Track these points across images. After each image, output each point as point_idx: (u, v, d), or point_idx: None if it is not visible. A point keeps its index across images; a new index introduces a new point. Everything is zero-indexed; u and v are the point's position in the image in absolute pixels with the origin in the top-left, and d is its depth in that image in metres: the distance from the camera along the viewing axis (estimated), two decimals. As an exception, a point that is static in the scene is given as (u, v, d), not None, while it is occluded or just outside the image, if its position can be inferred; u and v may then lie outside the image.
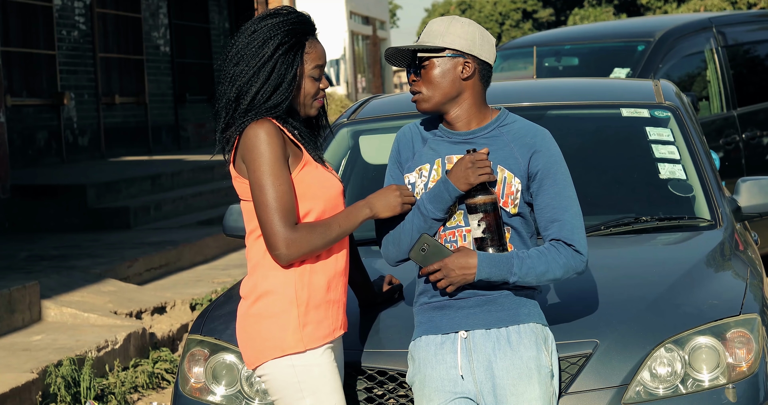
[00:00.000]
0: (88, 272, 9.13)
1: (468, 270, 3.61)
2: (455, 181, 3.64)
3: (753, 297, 4.24)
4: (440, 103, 3.74)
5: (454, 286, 3.64)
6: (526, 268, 3.63)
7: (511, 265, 3.62)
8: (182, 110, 19.94)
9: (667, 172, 5.31)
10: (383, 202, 3.68)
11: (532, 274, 3.64)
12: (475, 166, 3.61)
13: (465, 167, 3.62)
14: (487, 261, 3.62)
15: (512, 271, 3.62)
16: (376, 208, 3.68)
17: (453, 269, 3.62)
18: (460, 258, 3.62)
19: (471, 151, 3.65)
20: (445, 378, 3.70)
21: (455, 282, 3.63)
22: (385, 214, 3.69)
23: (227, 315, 4.34)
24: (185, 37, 20.39)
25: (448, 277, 3.63)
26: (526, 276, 3.63)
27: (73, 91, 16.24)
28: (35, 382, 6.60)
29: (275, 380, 3.65)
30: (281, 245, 3.56)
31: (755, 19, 11.60)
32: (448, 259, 3.63)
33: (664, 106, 5.54)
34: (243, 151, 3.61)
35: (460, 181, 3.63)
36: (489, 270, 3.62)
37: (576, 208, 3.72)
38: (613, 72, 9.81)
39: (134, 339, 7.74)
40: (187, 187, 14.23)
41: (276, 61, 3.62)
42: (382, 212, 3.68)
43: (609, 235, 4.91)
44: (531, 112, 5.38)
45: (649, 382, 3.92)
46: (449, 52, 3.71)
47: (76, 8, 16.45)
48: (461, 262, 3.62)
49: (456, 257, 3.63)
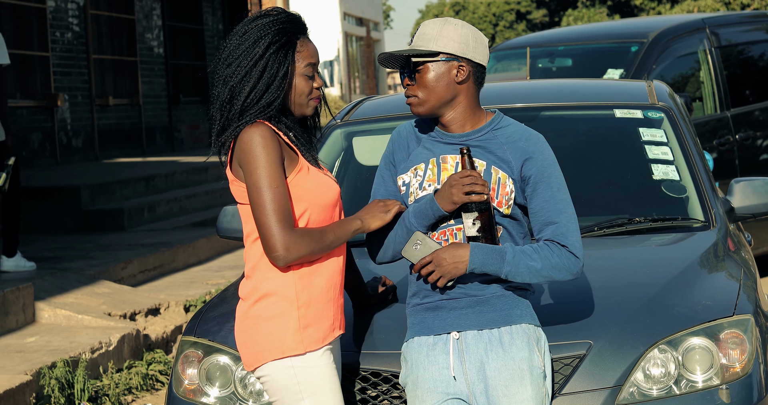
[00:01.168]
0: (82, 274, 9.12)
1: (460, 260, 3.61)
2: (440, 201, 3.65)
3: (746, 298, 4.25)
4: (435, 106, 3.74)
5: (445, 278, 3.63)
6: (519, 260, 3.62)
7: (504, 254, 3.62)
8: (176, 111, 19.93)
9: (660, 173, 5.31)
10: (371, 214, 3.73)
11: (524, 267, 3.62)
12: (459, 184, 3.62)
13: (449, 186, 3.64)
14: (480, 250, 3.61)
15: (505, 260, 3.61)
16: (365, 219, 3.72)
17: (444, 259, 3.62)
18: (451, 249, 3.62)
19: (465, 149, 3.65)
20: (438, 379, 3.70)
21: (447, 273, 3.62)
22: (375, 224, 3.72)
23: (221, 316, 4.34)
24: (179, 38, 20.39)
25: (440, 267, 3.62)
26: (519, 268, 3.62)
27: (67, 92, 16.23)
28: (29, 383, 6.60)
29: (274, 381, 3.65)
30: (279, 247, 3.56)
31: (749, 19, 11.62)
32: (440, 250, 3.63)
33: (657, 107, 5.54)
34: (239, 154, 3.62)
35: (445, 201, 3.65)
36: (482, 259, 3.61)
37: (571, 211, 3.72)
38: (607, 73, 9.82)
39: (128, 340, 7.74)
40: (181, 189, 14.22)
41: (267, 59, 3.64)
42: (372, 223, 3.72)
43: (602, 236, 4.91)
44: (524, 113, 5.39)
45: (642, 383, 3.92)
46: (443, 56, 3.71)
47: (69, 10, 16.44)
48: (453, 253, 3.62)
49: (447, 249, 3.63)
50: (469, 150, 3.66)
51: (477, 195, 3.62)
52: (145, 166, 15.72)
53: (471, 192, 3.61)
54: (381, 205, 3.75)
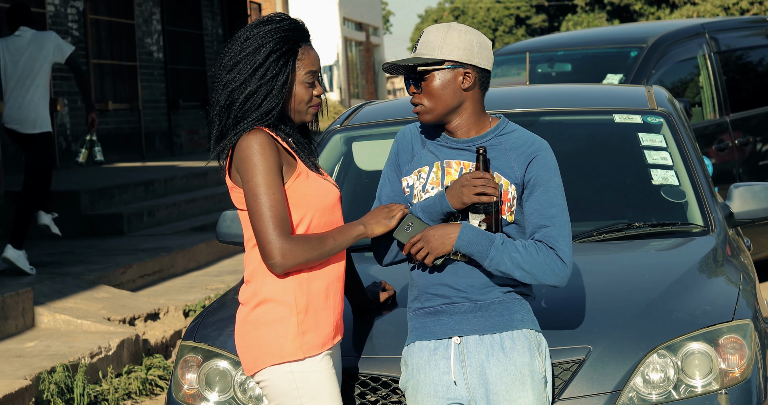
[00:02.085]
0: (82, 279, 9.12)
1: (448, 236, 3.61)
2: (450, 197, 3.65)
3: (745, 303, 4.25)
4: (442, 114, 3.74)
5: (432, 254, 3.62)
6: (505, 249, 3.60)
7: (493, 240, 3.61)
8: (175, 116, 19.93)
9: (659, 178, 5.31)
10: (375, 219, 3.71)
11: (508, 257, 3.60)
12: (471, 184, 3.62)
13: (461, 185, 3.63)
14: (470, 230, 3.61)
15: (493, 245, 3.60)
16: (369, 224, 3.71)
17: (433, 236, 3.62)
18: (441, 226, 3.63)
19: (481, 149, 3.65)
20: (438, 384, 3.70)
21: (434, 249, 3.62)
22: (378, 230, 3.71)
23: (220, 321, 4.34)
24: (179, 43, 20.39)
25: (428, 243, 3.62)
26: (503, 256, 3.60)
27: (67, 97, 16.22)
28: (28, 388, 6.60)
29: (274, 386, 3.66)
30: (276, 254, 3.57)
31: (748, 25, 11.63)
32: (429, 228, 3.64)
33: (656, 112, 5.55)
34: (237, 162, 3.63)
35: (455, 199, 3.64)
36: (470, 238, 3.60)
37: (565, 218, 3.71)
38: (606, 78, 9.83)
39: (127, 345, 7.74)
40: (181, 194, 14.22)
41: (267, 67, 3.64)
42: (376, 229, 3.71)
43: (602, 240, 4.91)
44: (524, 118, 5.39)
45: (641, 388, 3.93)
46: (449, 64, 3.71)
47: (69, 14, 16.45)
48: (442, 230, 3.63)
49: (437, 226, 3.64)
50: (485, 150, 3.66)
51: (487, 196, 3.62)
52: (144, 171, 15.72)
53: (482, 193, 3.61)
54: (386, 210, 3.74)
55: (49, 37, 9.45)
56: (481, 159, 3.65)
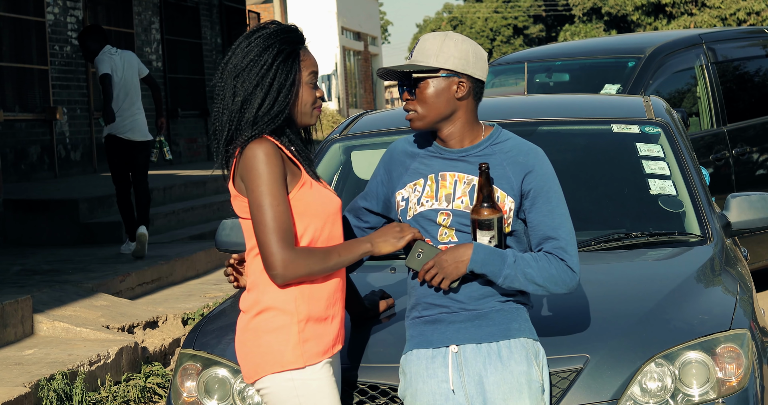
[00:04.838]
0: (81, 287, 9.13)
1: (461, 259, 3.62)
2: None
3: (743, 312, 4.26)
4: (434, 121, 3.76)
5: (448, 279, 3.64)
6: (518, 266, 3.63)
7: (506, 258, 3.63)
8: (174, 125, 19.94)
9: (657, 187, 5.33)
10: (383, 238, 3.72)
11: (522, 274, 3.63)
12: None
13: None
14: (483, 250, 3.62)
15: (506, 263, 3.62)
16: (377, 242, 3.71)
17: (446, 261, 3.63)
18: (452, 250, 3.64)
19: (484, 166, 3.66)
20: (436, 392, 3.71)
21: (449, 274, 3.63)
22: (385, 249, 3.71)
23: (219, 329, 4.35)
24: (177, 52, 20.41)
25: (442, 269, 3.63)
26: (517, 273, 3.63)
27: (66, 105, 16.24)
28: (27, 396, 6.60)
29: (274, 394, 3.67)
30: (278, 266, 3.58)
31: (745, 35, 11.65)
32: (441, 253, 3.65)
33: (654, 122, 5.57)
34: (242, 170, 3.64)
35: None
36: (483, 258, 3.62)
37: (569, 226, 3.73)
38: (604, 88, 9.85)
39: (126, 353, 7.75)
40: (179, 202, 14.23)
41: (276, 68, 3.65)
42: (383, 247, 3.71)
43: (599, 250, 4.92)
44: (522, 128, 5.41)
45: (639, 397, 3.94)
46: (444, 72, 3.73)
47: (68, 23, 16.47)
48: (454, 253, 3.64)
49: (449, 250, 3.65)
50: (488, 167, 3.67)
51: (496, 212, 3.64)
52: (143, 179, 15.69)
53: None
54: (396, 230, 3.73)
55: (132, 56, 11.05)
56: (484, 176, 3.67)
